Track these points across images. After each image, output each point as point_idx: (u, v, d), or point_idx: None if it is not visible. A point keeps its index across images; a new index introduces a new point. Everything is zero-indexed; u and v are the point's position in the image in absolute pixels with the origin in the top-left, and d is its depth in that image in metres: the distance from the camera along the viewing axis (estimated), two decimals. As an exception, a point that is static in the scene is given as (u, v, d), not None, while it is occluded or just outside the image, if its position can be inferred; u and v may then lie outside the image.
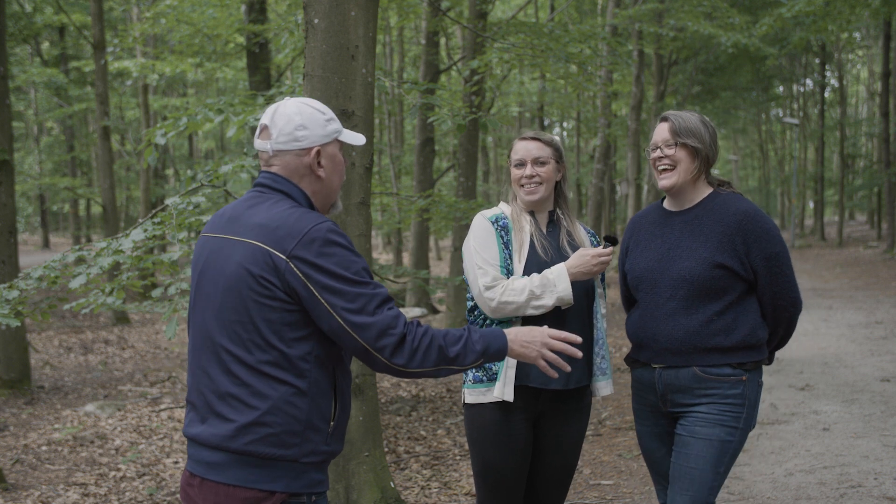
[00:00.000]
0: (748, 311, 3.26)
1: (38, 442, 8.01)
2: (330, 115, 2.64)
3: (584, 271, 3.31)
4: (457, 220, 12.82)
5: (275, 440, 2.39)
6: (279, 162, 2.59)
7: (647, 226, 3.49)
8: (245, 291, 2.41)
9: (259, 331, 2.40)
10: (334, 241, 2.41)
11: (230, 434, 2.40)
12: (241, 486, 2.40)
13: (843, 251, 29.59)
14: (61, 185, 28.60)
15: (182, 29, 16.50)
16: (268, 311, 2.39)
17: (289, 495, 2.43)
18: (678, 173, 3.33)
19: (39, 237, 43.24)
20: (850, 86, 49.68)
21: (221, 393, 2.44)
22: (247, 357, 2.41)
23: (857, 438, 6.53)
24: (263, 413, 2.39)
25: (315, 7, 4.77)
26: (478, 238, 3.41)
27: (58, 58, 28.45)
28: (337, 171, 2.66)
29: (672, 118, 3.34)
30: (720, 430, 3.21)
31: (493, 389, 3.34)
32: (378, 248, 38.81)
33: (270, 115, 2.60)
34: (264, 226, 2.44)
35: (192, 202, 5.74)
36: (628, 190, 25.09)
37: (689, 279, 3.23)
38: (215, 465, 2.43)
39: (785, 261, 3.27)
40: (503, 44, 10.93)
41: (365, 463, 4.96)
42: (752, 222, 3.24)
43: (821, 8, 17.42)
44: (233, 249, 2.48)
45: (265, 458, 2.40)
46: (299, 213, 2.46)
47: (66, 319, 17.99)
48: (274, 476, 2.41)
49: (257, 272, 2.40)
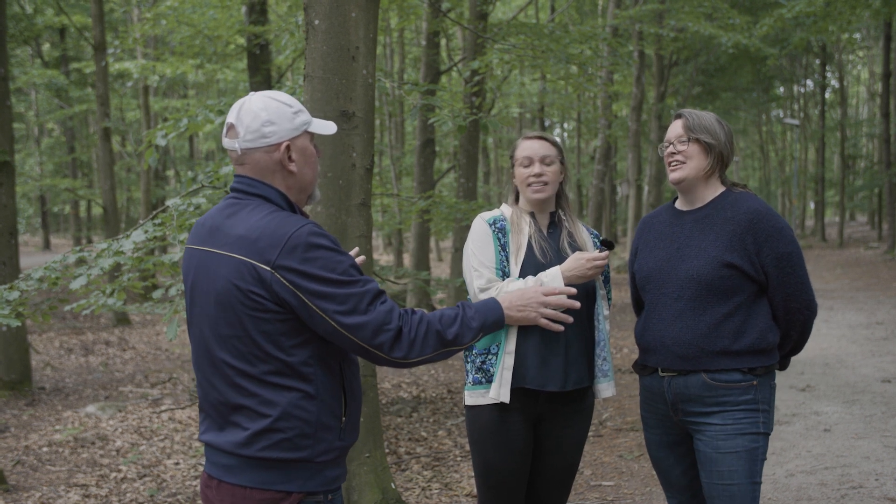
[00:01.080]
0: (758, 313, 3.17)
1: (39, 443, 8.01)
2: (297, 107, 2.56)
3: (578, 274, 3.30)
4: (457, 222, 12.83)
5: (288, 444, 2.40)
6: (249, 161, 2.53)
7: (658, 226, 3.43)
8: (237, 307, 2.39)
9: (257, 343, 2.38)
10: (317, 244, 2.37)
11: (243, 441, 2.41)
12: (257, 487, 2.41)
13: (843, 252, 29.59)
14: (62, 186, 28.58)
15: (183, 30, 16.50)
16: (262, 323, 2.37)
17: (305, 494, 2.43)
18: (689, 167, 3.26)
19: (40, 238, 43.24)
20: (850, 86, 49.71)
21: (232, 405, 2.44)
22: (250, 370, 2.40)
23: (858, 439, 6.52)
24: (275, 420, 2.39)
25: (316, 8, 4.77)
26: (475, 240, 3.41)
27: (58, 59, 28.47)
28: (309, 164, 2.61)
29: (686, 115, 3.29)
30: (743, 439, 3.13)
31: (490, 391, 3.34)
32: (379, 248, 38.81)
33: (236, 113, 2.53)
34: (245, 237, 2.40)
35: (192, 203, 5.74)
36: (629, 191, 25.09)
37: (696, 278, 3.16)
38: (231, 469, 2.44)
39: (798, 261, 3.17)
40: (504, 45, 10.94)
41: (366, 464, 4.96)
42: (763, 221, 3.15)
43: (821, 8, 17.42)
44: (219, 265, 2.45)
45: (280, 462, 2.41)
46: (278, 219, 2.42)
47: (67, 321, 18.00)
48: (289, 477, 2.41)
49: (245, 287, 2.37)
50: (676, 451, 3.37)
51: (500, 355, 3.31)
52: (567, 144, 37.89)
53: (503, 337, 3.32)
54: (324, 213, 4.76)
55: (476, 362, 3.38)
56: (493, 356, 3.34)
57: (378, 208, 21.19)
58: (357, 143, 4.83)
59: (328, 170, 4.74)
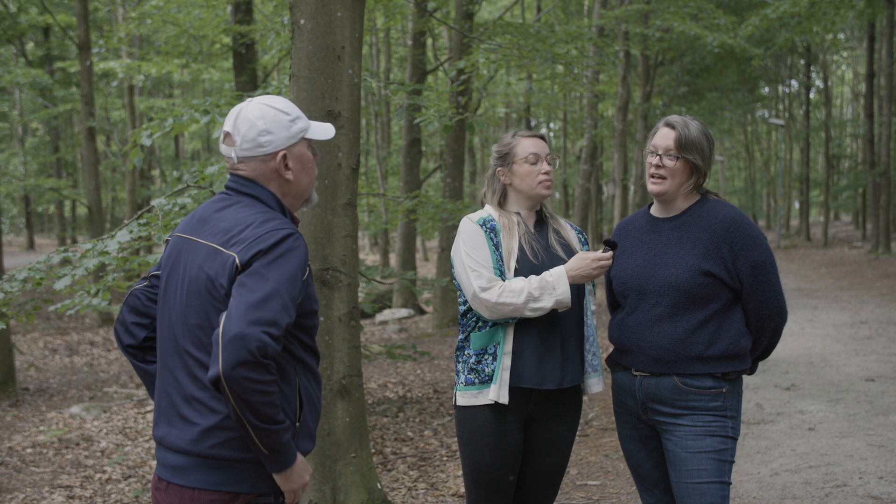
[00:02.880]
0: (732, 320, 3.23)
1: (23, 444, 7.97)
2: (294, 114, 2.55)
3: (583, 274, 3.31)
4: (444, 221, 12.82)
5: (238, 443, 2.38)
6: (245, 168, 2.53)
7: (634, 232, 3.46)
8: (204, 295, 2.40)
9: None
10: (288, 251, 2.37)
11: (194, 438, 2.40)
12: (205, 489, 2.40)
13: (828, 251, 29.73)
14: (46, 186, 28.45)
15: (168, 30, 16.44)
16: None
17: (255, 496, 2.43)
18: (671, 183, 3.28)
19: (24, 238, 42.97)
20: (834, 87, 49.96)
21: (186, 396, 2.43)
22: (208, 361, 2.38)
23: (842, 438, 6.56)
24: (225, 417, 2.38)
25: (301, 8, 4.77)
26: (468, 241, 3.39)
27: (42, 58, 28.33)
28: (306, 170, 2.60)
29: (679, 128, 3.27)
30: (712, 440, 3.18)
31: (487, 392, 3.33)
32: (365, 248, 38.78)
33: (233, 121, 2.52)
34: (228, 230, 2.42)
35: (178, 203, 5.72)
36: (615, 191, 25.14)
37: (675, 286, 3.20)
38: (180, 469, 2.42)
39: (771, 269, 3.23)
40: (490, 44, 10.95)
41: (352, 464, 4.95)
42: (739, 229, 3.21)
43: (806, 9, 17.52)
44: (198, 252, 2.46)
45: (229, 461, 2.39)
46: (262, 219, 2.43)
47: (52, 321, 17.91)
48: (239, 478, 2.40)
49: (215, 277, 2.38)
50: (647, 445, 3.41)
51: (500, 356, 3.31)
52: (553, 144, 37.93)
53: (501, 337, 3.33)
54: (309, 213, 4.76)
55: (469, 363, 3.37)
56: (489, 356, 3.33)
57: (364, 208, 21.18)
58: (343, 143, 4.83)
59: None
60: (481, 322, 3.37)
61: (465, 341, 3.41)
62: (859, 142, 42.99)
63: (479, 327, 3.37)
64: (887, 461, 5.92)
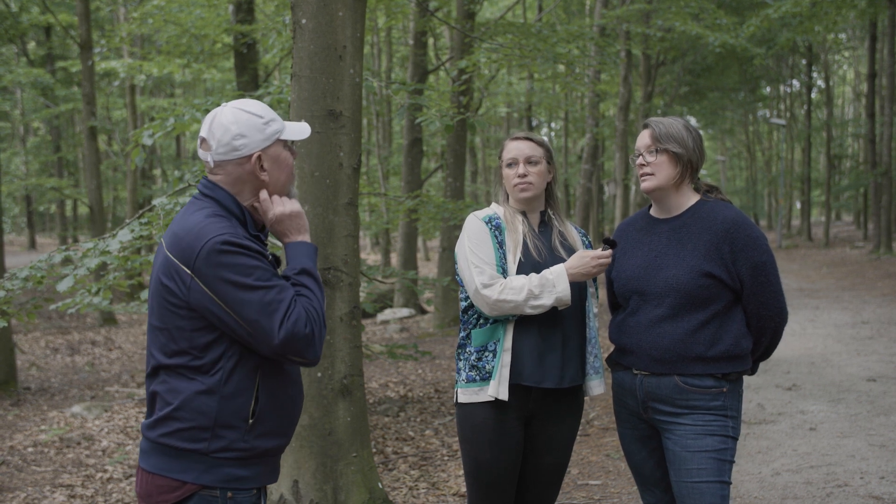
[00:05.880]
0: (733, 320, 3.24)
1: (25, 443, 7.97)
2: (269, 116, 2.62)
3: (583, 272, 3.32)
4: (445, 221, 12.82)
5: (186, 435, 2.50)
6: (222, 172, 2.62)
7: (634, 233, 3.47)
8: (159, 299, 2.53)
9: (173, 337, 2.50)
10: (230, 251, 2.44)
11: (149, 424, 2.56)
12: (158, 473, 2.52)
13: (829, 251, 29.72)
14: (48, 185, 28.49)
15: (169, 29, 16.45)
16: (177, 318, 2.49)
17: (201, 487, 2.51)
18: (658, 178, 3.31)
19: (26, 238, 43.00)
20: (836, 87, 49.90)
21: (153, 391, 2.59)
22: (166, 361, 2.53)
23: (843, 438, 6.55)
24: (175, 409, 2.50)
25: (303, 7, 4.77)
26: (472, 238, 3.41)
27: (44, 58, 28.36)
28: (283, 170, 2.67)
29: (653, 125, 3.34)
30: (712, 439, 3.18)
31: (487, 388, 3.34)
32: (366, 248, 38.78)
33: (208, 126, 2.60)
34: (176, 235, 2.52)
35: (179, 202, 5.73)
36: (616, 190, 25.15)
37: (676, 287, 3.21)
38: (144, 453, 2.59)
39: (771, 270, 3.24)
40: (491, 44, 10.95)
41: (353, 464, 4.95)
42: (739, 230, 3.21)
43: (807, 9, 17.52)
44: (158, 257, 2.58)
45: (177, 450, 2.51)
46: (206, 222, 2.50)
47: (53, 320, 17.92)
48: (185, 467, 2.51)
49: (167, 282, 2.50)
50: (648, 444, 3.41)
51: (499, 353, 3.32)
52: (554, 144, 37.92)
53: (502, 334, 3.34)
54: (311, 213, 4.76)
55: (471, 360, 3.39)
56: (489, 353, 3.35)
57: (365, 208, 21.16)
58: (344, 143, 4.83)
59: (315, 169, 4.74)
60: (482, 319, 3.38)
61: (467, 338, 3.43)
62: (861, 142, 42.93)
63: (481, 324, 3.38)
64: (888, 461, 5.92)
